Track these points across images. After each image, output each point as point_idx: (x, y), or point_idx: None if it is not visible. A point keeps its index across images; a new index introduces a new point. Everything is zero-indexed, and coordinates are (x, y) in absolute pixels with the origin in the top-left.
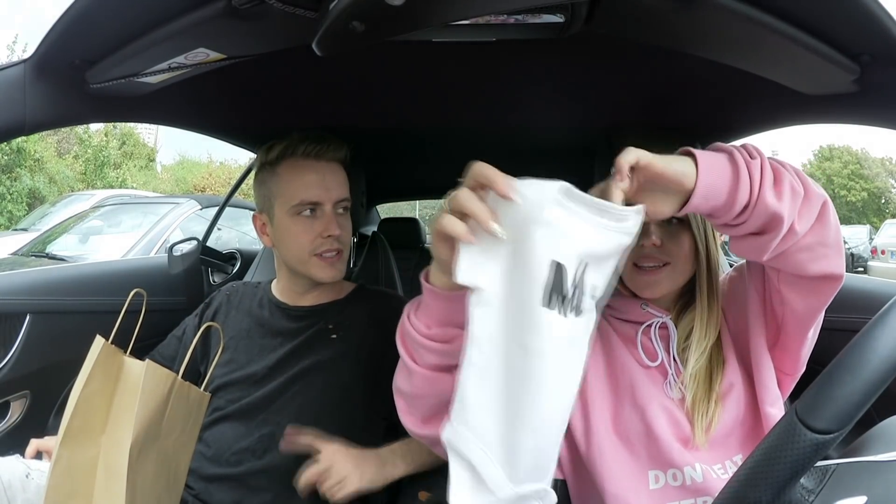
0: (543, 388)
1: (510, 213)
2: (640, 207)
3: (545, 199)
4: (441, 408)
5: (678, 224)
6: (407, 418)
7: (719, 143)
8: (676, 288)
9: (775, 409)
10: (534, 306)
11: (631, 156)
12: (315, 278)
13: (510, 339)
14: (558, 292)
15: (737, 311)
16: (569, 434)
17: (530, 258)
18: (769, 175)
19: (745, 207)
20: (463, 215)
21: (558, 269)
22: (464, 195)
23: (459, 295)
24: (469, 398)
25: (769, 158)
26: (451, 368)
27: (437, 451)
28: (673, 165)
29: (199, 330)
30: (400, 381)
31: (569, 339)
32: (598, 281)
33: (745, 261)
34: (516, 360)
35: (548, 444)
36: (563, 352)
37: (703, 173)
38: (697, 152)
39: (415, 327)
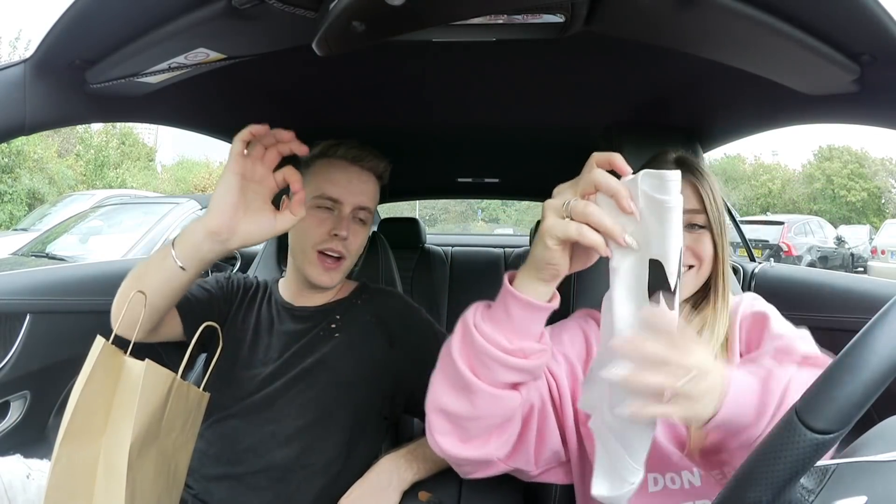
0: None
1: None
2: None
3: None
4: (494, 427)
5: (700, 228)
6: (445, 439)
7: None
8: (695, 291)
9: None
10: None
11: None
12: (308, 276)
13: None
14: (661, 287)
15: (752, 341)
16: (576, 438)
17: (639, 265)
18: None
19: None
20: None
21: (655, 267)
22: (594, 210)
23: (550, 306)
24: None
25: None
26: (519, 385)
27: (461, 470)
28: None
29: (229, 296)
30: (448, 401)
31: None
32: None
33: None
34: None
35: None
36: None
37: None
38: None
39: (492, 342)
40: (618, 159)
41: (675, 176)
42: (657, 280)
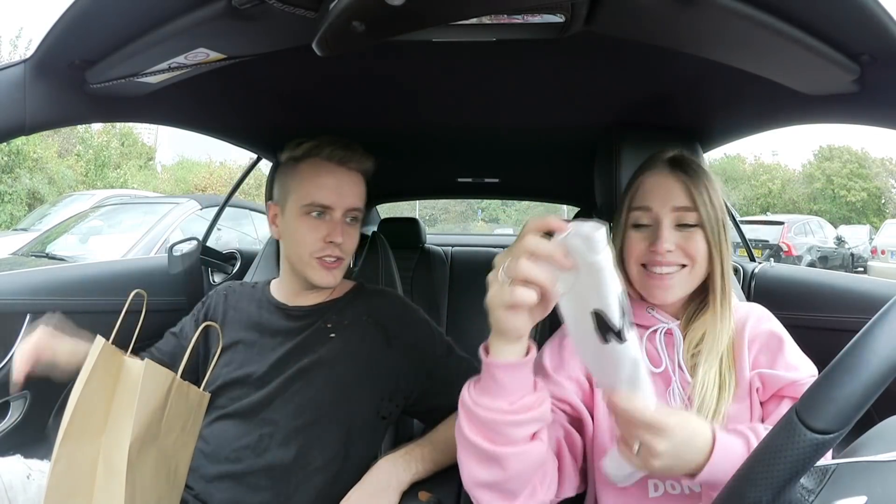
0: None
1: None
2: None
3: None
4: (535, 476)
5: (693, 227)
6: None
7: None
8: (690, 291)
9: None
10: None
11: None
12: (311, 280)
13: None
14: (609, 331)
15: (762, 360)
16: (592, 446)
17: (583, 314)
18: None
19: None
20: (527, 283)
21: (598, 317)
22: (525, 266)
23: (529, 360)
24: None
25: None
26: (537, 433)
27: None
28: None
29: (197, 329)
30: (482, 475)
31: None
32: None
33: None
34: None
35: None
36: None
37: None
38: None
39: (495, 411)
40: (552, 222)
41: (600, 234)
42: (603, 327)
